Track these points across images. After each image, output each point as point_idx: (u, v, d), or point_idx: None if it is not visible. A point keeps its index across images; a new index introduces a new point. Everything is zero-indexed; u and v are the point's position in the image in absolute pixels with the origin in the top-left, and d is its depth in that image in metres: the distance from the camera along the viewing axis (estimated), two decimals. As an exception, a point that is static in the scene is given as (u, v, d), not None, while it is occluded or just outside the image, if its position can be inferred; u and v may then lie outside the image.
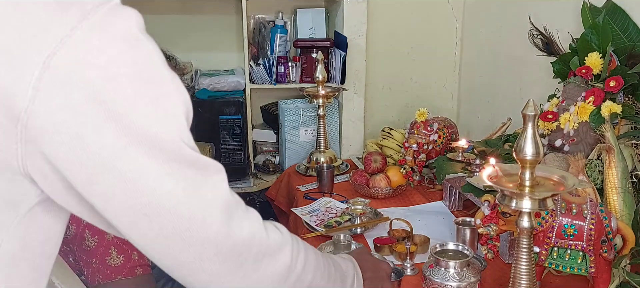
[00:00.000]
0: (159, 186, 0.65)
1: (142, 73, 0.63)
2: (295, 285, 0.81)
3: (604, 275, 1.25)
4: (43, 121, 0.60)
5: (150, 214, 0.66)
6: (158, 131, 0.64)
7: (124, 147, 0.62)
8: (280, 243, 0.79)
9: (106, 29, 0.60)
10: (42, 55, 0.58)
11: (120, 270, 1.22)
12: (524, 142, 1.03)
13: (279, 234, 0.80)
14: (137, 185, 0.64)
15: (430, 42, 2.68)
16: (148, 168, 0.64)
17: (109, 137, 0.61)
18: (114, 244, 1.22)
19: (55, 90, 0.59)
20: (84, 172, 0.63)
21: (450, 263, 1.22)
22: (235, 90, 2.53)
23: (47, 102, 0.59)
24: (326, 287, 0.89)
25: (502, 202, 1.08)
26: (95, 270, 1.22)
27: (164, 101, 0.65)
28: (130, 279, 1.23)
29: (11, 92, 0.59)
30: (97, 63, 0.60)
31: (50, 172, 0.63)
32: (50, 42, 0.59)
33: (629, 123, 1.53)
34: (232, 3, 2.59)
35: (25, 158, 0.62)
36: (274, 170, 2.62)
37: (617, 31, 1.63)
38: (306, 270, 0.83)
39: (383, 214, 1.76)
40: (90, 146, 0.61)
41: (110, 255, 1.22)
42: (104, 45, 0.60)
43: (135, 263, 1.24)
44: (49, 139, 0.60)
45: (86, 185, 0.64)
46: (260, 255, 0.75)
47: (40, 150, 0.61)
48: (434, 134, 2.02)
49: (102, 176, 0.63)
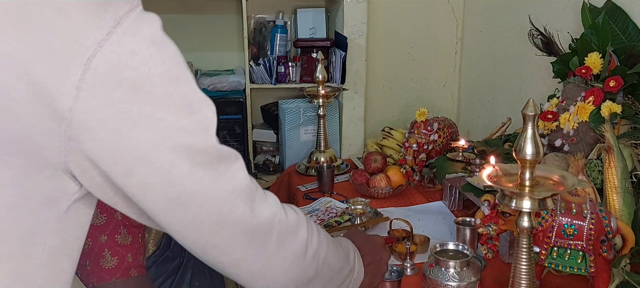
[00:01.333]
0: (191, 176, 0.71)
1: (170, 72, 0.68)
2: (312, 261, 0.88)
3: (603, 275, 1.25)
4: (85, 119, 0.64)
5: (185, 202, 0.72)
6: (187, 125, 0.70)
7: (158, 141, 0.68)
8: (297, 222, 0.86)
9: (137, 33, 0.65)
10: (83, 57, 0.62)
11: (114, 272, 1.22)
12: (524, 142, 1.03)
13: (295, 214, 0.87)
14: (171, 176, 0.70)
15: (430, 42, 2.68)
16: (180, 159, 0.69)
17: (145, 132, 0.67)
18: (108, 246, 1.22)
19: (95, 89, 0.63)
20: (122, 165, 0.68)
21: (450, 263, 1.22)
22: (235, 90, 2.53)
23: (89, 101, 0.63)
24: (336, 263, 0.96)
25: (502, 202, 1.08)
26: (89, 273, 1.21)
27: (191, 97, 0.71)
28: (125, 281, 1.23)
29: (56, 93, 0.62)
30: (131, 64, 0.65)
31: (90, 167, 0.68)
32: (89, 45, 0.63)
33: (628, 123, 1.53)
34: (232, 3, 2.59)
35: (67, 155, 0.66)
36: (274, 170, 2.62)
37: (617, 31, 1.62)
38: (320, 247, 0.90)
39: (383, 214, 1.76)
40: (128, 141, 0.66)
41: (103, 257, 1.21)
42: (137, 48, 0.65)
43: (130, 265, 1.24)
44: (91, 135, 0.65)
45: (124, 177, 0.69)
46: (282, 233, 0.82)
47: (82, 146, 0.66)
48: (434, 134, 2.02)
49: (139, 168, 0.68)
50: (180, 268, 1.46)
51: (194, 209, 0.73)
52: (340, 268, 0.97)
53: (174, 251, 1.42)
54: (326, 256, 0.91)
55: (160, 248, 1.39)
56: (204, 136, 0.72)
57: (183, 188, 0.71)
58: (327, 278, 0.94)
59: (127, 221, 1.25)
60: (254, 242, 0.79)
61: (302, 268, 0.86)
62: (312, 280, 0.90)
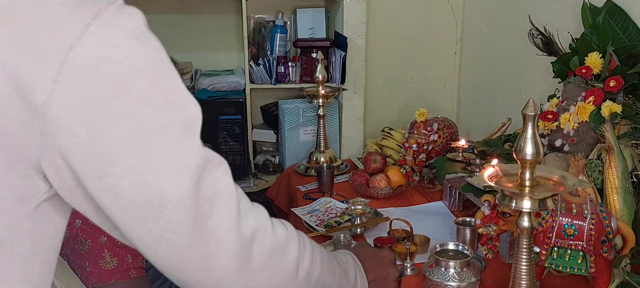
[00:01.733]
0: (167, 179, 0.66)
1: (152, 67, 0.65)
2: (304, 281, 0.82)
3: (604, 275, 1.25)
4: (60, 114, 0.61)
5: (157, 207, 0.66)
6: (169, 123, 0.66)
7: (135, 140, 0.64)
8: (286, 238, 0.79)
9: (117, 26, 0.63)
10: (61, 50, 0.61)
11: (114, 273, 1.21)
12: (524, 142, 1.03)
13: (285, 229, 0.81)
14: (145, 178, 0.65)
15: (430, 42, 2.68)
16: (157, 160, 0.65)
17: (122, 129, 0.63)
18: (108, 247, 1.22)
19: (72, 83, 0.61)
20: (95, 165, 0.64)
21: (450, 263, 1.22)
22: (235, 90, 2.52)
23: (65, 95, 0.61)
24: (332, 281, 0.89)
25: (502, 202, 1.08)
26: (89, 274, 1.21)
27: (174, 93, 0.67)
28: (124, 282, 1.22)
29: (33, 86, 0.60)
30: (111, 58, 0.62)
31: (63, 167, 0.65)
32: (67, 38, 0.61)
33: (629, 123, 1.53)
34: (232, 3, 2.59)
35: (40, 151, 0.64)
36: (274, 170, 2.61)
37: (617, 31, 1.62)
38: (314, 265, 0.84)
39: (383, 214, 1.76)
40: (103, 138, 0.63)
41: (103, 258, 1.21)
42: (117, 41, 0.63)
43: (129, 266, 1.23)
44: (64, 131, 0.62)
45: (96, 180, 0.65)
46: (268, 250, 0.76)
47: (56, 143, 0.63)
48: (434, 134, 2.02)
49: (111, 169, 0.64)
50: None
51: (166, 218, 0.67)
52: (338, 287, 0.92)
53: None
54: (320, 275, 0.85)
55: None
56: (186, 135, 0.68)
57: (156, 194, 0.66)
58: None
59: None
60: (235, 259, 0.72)
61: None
62: None
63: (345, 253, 1.03)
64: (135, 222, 0.67)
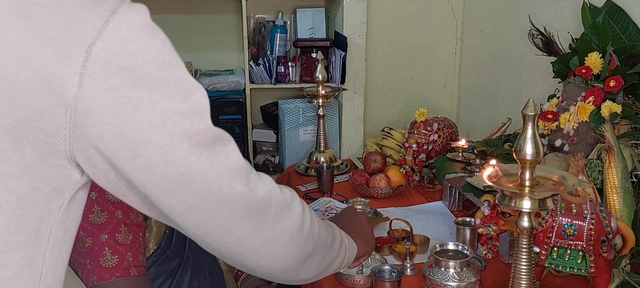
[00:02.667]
0: (191, 155, 0.73)
1: (163, 58, 0.71)
2: (309, 235, 0.92)
3: (604, 275, 1.25)
4: (89, 104, 0.66)
5: (188, 181, 0.74)
6: (183, 108, 0.72)
7: (159, 123, 0.70)
8: (292, 198, 0.90)
9: (131, 21, 0.68)
10: (84, 44, 0.65)
11: (115, 271, 1.21)
12: (524, 142, 1.03)
13: (289, 191, 0.91)
14: (174, 156, 0.72)
15: (430, 42, 2.68)
16: (180, 140, 0.72)
17: (145, 115, 0.69)
18: (108, 245, 1.22)
19: (96, 75, 0.66)
20: (127, 147, 0.70)
21: (450, 263, 1.22)
22: (235, 90, 2.52)
23: (91, 87, 0.66)
24: (328, 237, 1.00)
25: (502, 202, 1.08)
26: (90, 271, 1.21)
27: (184, 82, 0.73)
28: (125, 280, 1.22)
29: (61, 79, 0.65)
30: (128, 51, 0.67)
31: (95, 154, 0.70)
32: (89, 33, 0.65)
33: (629, 123, 1.53)
34: (232, 3, 2.59)
35: (73, 142, 0.68)
36: (274, 170, 2.61)
37: (617, 31, 1.62)
38: (314, 222, 0.94)
39: (383, 214, 1.76)
40: (131, 124, 0.69)
41: (104, 256, 1.21)
42: (132, 36, 0.68)
43: (130, 263, 1.23)
44: (95, 120, 0.67)
45: (129, 161, 0.71)
46: (279, 208, 0.85)
47: (87, 133, 0.68)
48: (433, 134, 2.02)
49: (144, 150, 0.70)
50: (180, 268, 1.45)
51: (196, 189, 0.75)
52: (332, 242, 1.02)
53: (175, 250, 1.41)
54: (319, 230, 0.95)
55: (160, 247, 1.38)
56: (199, 118, 0.74)
57: (185, 168, 0.73)
58: (323, 252, 0.98)
59: (127, 220, 1.25)
60: (255, 218, 0.81)
61: (301, 243, 0.90)
62: (311, 254, 0.93)
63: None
64: (169, 195, 0.75)
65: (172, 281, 1.43)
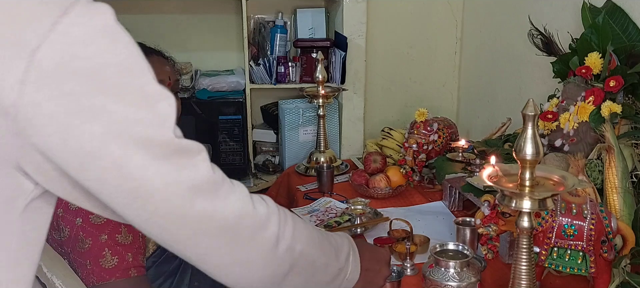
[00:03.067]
0: (149, 168, 0.68)
1: (124, 63, 0.65)
2: (286, 255, 0.84)
3: (604, 276, 1.25)
4: (31, 114, 0.61)
5: (143, 196, 0.69)
6: (143, 118, 0.67)
7: (112, 134, 0.65)
8: (267, 215, 0.82)
9: (87, 23, 0.63)
10: (26, 51, 0.60)
11: (114, 272, 1.22)
12: (524, 142, 1.03)
13: (265, 206, 0.83)
14: (128, 170, 0.67)
15: (430, 42, 2.68)
16: (135, 153, 0.66)
17: (97, 125, 0.64)
18: (108, 246, 1.22)
19: (41, 82, 0.61)
20: (75, 160, 0.65)
21: (450, 263, 1.22)
22: (235, 90, 2.53)
23: (34, 95, 0.61)
24: (319, 258, 0.92)
25: (502, 202, 1.08)
26: (90, 272, 1.21)
27: (147, 89, 0.68)
28: (125, 280, 1.22)
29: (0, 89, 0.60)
30: (82, 55, 0.62)
31: (44, 162, 0.66)
32: (32, 38, 0.60)
33: (629, 123, 1.53)
34: (232, 3, 2.59)
35: (17, 151, 0.64)
36: (274, 170, 2.62)
37: (617, 31, 1.62)
38: (296, 240, 0.86)
39: (383, 214, 1.76)
40: (80, 136, 0.64)
41: (104, 257, 1.21)
42: (87, 38, 0.62)
43: (130, 264, 1.23)
44: (39, 130, 0.63)
45: (79, 171, 0.66)
46: (250, 228, 0.79)
47: (31, 141, 0.63)
48: (433, 134, 2.02)
49: (93, 163, 0.66)
50: (179, 269, 1.46)
51: (153, 204, 0.70)
52: (326, 265, 0.94)
53: (174, 251, 1.41)
54: (303, 250, 0.87)
55: (160, 247, 1.39)
56: (160, 129, 0.68)
57: (140, 183, 0.68)
58: (308, 273, 0.90)
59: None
60: (221, 237, 0.76)
61: (274, 263, 0.83)
62: (287, 274, 0.86)
63: (343, 236, 1.04)
64: (124, 207, 0.70)
65: (172, 281, 1.44)
